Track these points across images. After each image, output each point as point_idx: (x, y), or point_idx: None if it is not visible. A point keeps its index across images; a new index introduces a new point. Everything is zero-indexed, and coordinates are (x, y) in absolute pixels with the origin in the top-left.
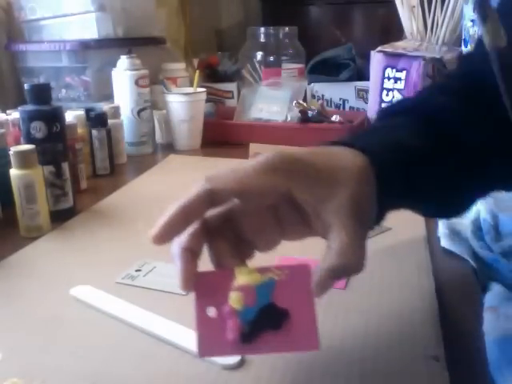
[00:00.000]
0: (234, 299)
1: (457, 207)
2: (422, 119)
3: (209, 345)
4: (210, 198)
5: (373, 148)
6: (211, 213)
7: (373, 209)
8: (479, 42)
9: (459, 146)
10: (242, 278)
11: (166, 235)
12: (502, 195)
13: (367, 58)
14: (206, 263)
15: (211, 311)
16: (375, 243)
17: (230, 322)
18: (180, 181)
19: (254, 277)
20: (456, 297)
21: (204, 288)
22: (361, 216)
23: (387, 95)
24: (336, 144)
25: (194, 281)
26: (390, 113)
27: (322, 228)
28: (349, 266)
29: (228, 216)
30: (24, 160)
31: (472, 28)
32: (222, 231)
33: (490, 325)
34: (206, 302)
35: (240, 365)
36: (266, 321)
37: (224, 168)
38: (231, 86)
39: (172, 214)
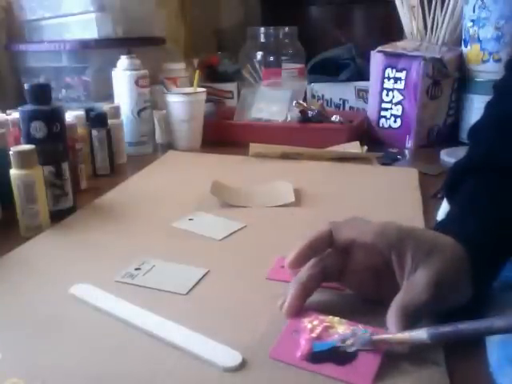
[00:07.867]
0: (315, 332)
1: None
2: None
3: (279, 352)
4: (331, 239)
5: (468, 240)
6: (329, 262)
7: (462, 286)
8: None
9: None
10: (330, 322)
11: (297, 263)
12: None
13: (367, 58)
14: None
15: (295, 334)
16: None
17: (304, 345)
18: (179, 177)
19: (341, 326)
20: None
21: (299, 317)
22: (442, 280)
23: (387, 95)
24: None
25: (296, 312)
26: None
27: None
28: (418, 301)
29: (341, 269)
30: (24, 160)
31: (472, 28)
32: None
33: None
34: (295, 327)
35: (240, 367)
36: (335, 355)
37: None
38: (231, 86)
39: (302, 247)
